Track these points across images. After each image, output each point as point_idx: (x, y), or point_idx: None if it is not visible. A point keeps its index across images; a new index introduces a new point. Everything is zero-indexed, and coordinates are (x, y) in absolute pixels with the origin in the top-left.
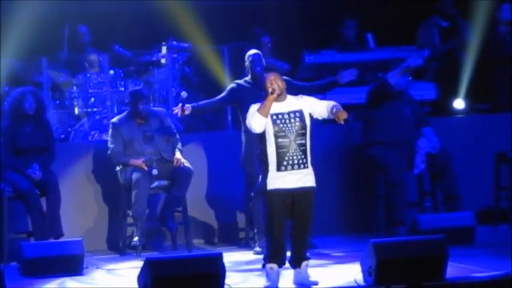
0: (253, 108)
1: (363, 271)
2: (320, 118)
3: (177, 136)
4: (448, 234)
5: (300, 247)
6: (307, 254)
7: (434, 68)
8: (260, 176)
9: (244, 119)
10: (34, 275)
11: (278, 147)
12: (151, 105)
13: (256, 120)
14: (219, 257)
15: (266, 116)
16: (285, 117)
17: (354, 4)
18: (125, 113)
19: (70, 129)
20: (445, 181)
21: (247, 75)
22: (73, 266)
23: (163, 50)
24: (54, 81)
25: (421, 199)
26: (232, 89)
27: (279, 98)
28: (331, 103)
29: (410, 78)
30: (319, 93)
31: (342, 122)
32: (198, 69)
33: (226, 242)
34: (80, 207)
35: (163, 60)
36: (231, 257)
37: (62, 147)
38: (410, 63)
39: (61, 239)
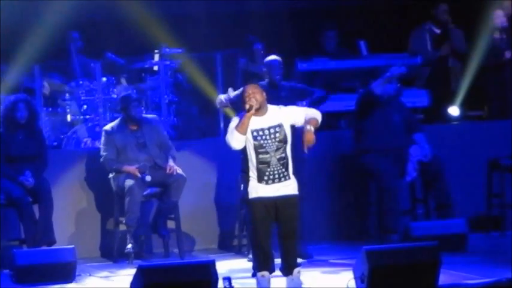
0: (233, 124)
1: (356, 278)
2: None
3: (171, 143)
4: (440, 241)
5: (289, 256)
6: (298, 260)
7: (426, 74)
8: (242, 185)
9: None
10: (26, 282)
11: (259, 162)
12: (144, 110)
13: (235, 138)
14: (212, 264)
15: (244, 134)
16: (265, 133)
17: (345, 12)
18: (117, 120)
19: (62, 136)
20: (437, 188)
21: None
22: (66, 274)
23: (156, 57)
24: (48, 88)
25: (413, 206)
26: None
27: (260, 111)
28: (310, 113)
29: (399, 85)
30: None
31: (305, 149)
32: (190, 76)
33: (220, 249)
34: (72, 215)
35: (155, 68)
36: (224, 264)
37: (55, 154)
38: (393, 73)
39: (53, 247)
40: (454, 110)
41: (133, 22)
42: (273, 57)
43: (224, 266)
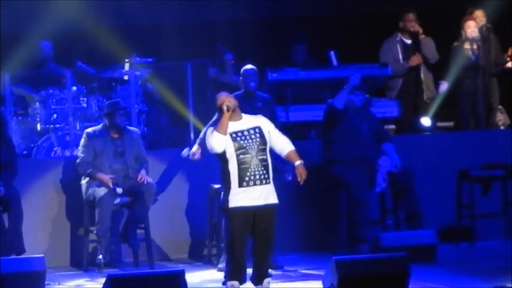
0: (210, 129)
1: None
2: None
3: (147, 159)
4: (410, 251)
5: (262, 264)
6: (269, 271)
7: (398, 85)
8: (222, 193)
9: None
10: None
11: (240, 163)
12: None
13: (216, 139)
14: (181, 274)
15: (225, 134)
16: (245, 134)
17: (317, 21)
18: (100, 126)
19: (33, 145)
20: (407, 199)
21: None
22: (35, 283)
23: (126, 66)
24: (18, 96)
25: (383, 217)
26: None
27: (234, 117)
28: (287, 147)
29: (366, 96)
30: None
31: (300, 181)
32: (161, 85)
33: (189, 259)
34: (42, 224)
35: (126, 77)
36: (193, 274)
37: (25, 163)
38: (351, 83)
39: (23, 256)
40: (426, 121)
41: (104, 32)
42: (248, 66)
43: (194, 276)
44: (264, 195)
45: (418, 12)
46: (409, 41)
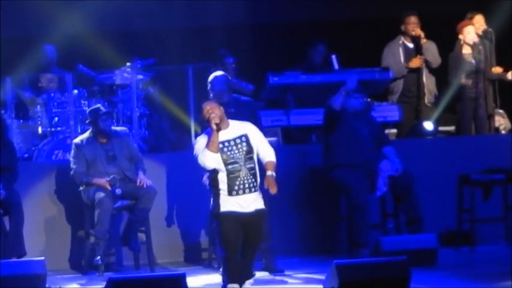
0: (201, 144)
1: None
2: None
3: (140, 156)
4: (410, 256)
5: (247, 265)
6: (253, 272)
7: (398, 89)
8: (211, 199)
9: None
10: None
11: (229, 173)
12: (114, 123)
13: (209, 158)
14: (182, 277)
15: (217, 151)
16: (231, 144)
17: (318, 25)
18: (87, 133)
19: (34, 148)
20: (407, 203)
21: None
22: (35, 286)
23: (128, 70)
24: (19, 99)
25: (383, 221)
26: None
27: (222, 125)
28: (268, 157)
29: (367, 99)
30: None
31: (271, 192)
32: (162, 89)
33: (191, 262)
34: (42, 227)
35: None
36: (194, 278)
37: (26, 166)
38: (348, 87)
39: (23, 258)
40: (428, 125)
41: (106, 36)
42: (217, 73)
43: (195, 279)
44: (253, 202)
45: (421, 17)
46: (411, 45)
